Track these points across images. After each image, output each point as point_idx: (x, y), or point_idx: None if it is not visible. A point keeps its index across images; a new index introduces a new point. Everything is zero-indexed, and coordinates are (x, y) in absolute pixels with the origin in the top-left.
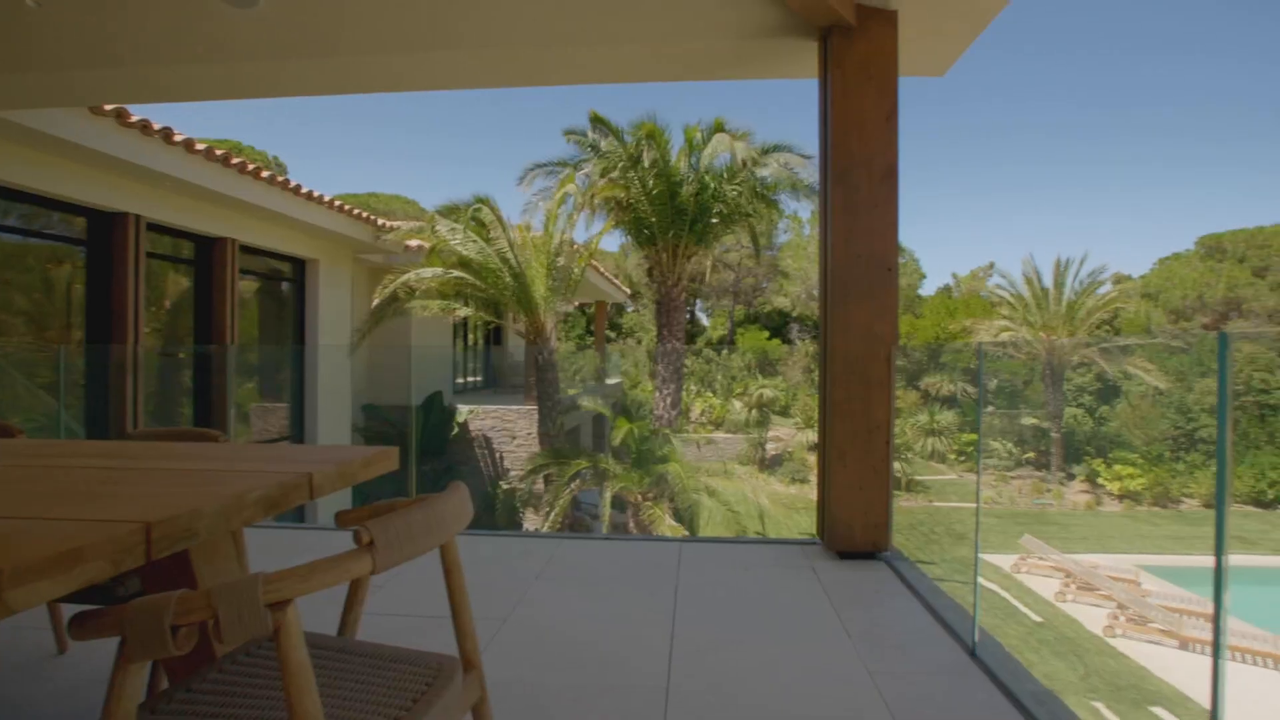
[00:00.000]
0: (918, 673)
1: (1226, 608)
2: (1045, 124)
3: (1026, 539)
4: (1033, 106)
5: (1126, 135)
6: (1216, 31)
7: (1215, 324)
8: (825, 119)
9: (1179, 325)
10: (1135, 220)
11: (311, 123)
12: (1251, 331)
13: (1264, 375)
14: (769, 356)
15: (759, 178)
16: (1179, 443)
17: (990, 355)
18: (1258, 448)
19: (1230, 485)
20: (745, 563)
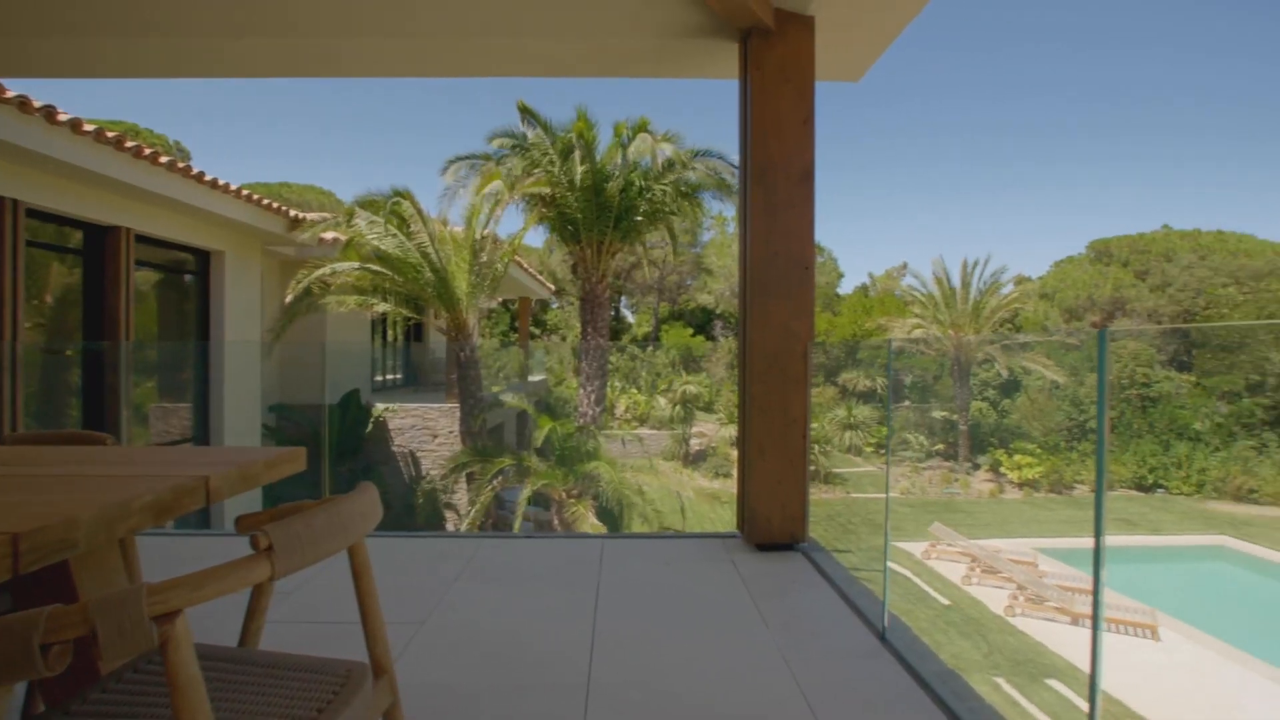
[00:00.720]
0: (831, 658)
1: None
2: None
3: (936, 526)
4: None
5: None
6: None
7: (1103, 322)
8: (745, 120)
9: (1072, 324)
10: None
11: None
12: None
13: (1146, 370)
14: (693, 353)
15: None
16: (1072, 433)
17: (904, 352)
18: (1139, 437)
19: (1107, 471)
20: (667, 558)
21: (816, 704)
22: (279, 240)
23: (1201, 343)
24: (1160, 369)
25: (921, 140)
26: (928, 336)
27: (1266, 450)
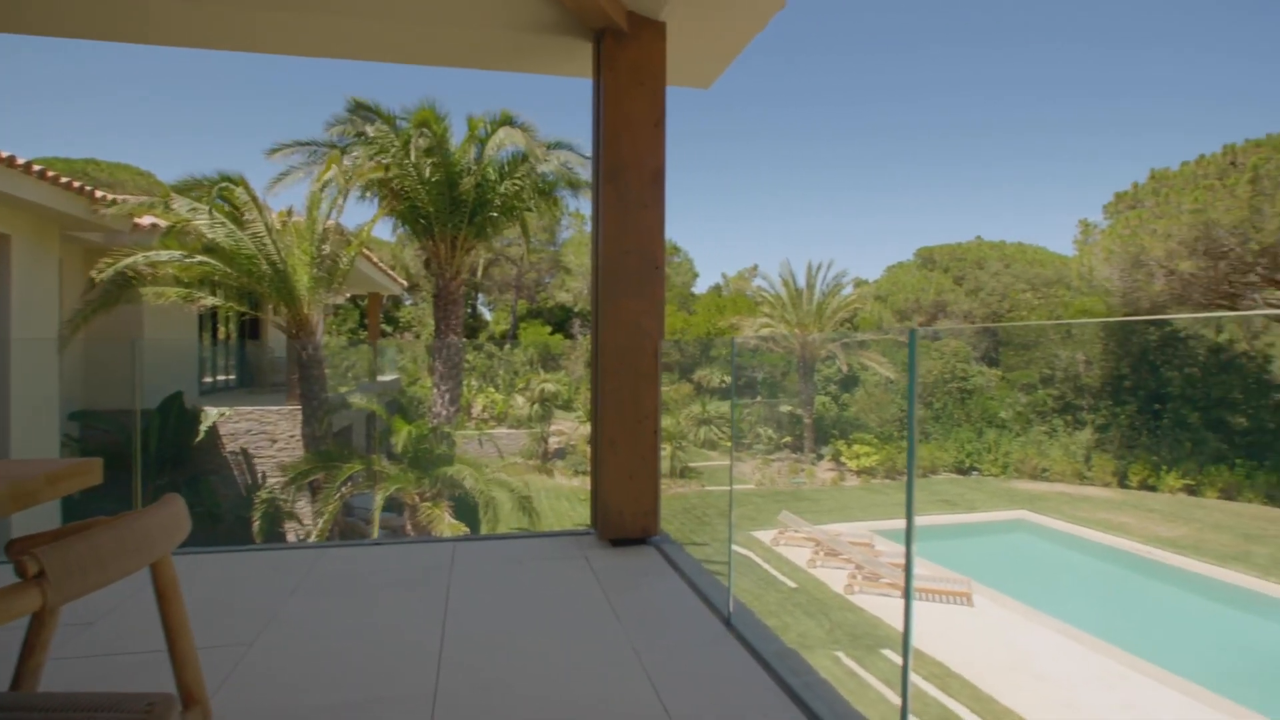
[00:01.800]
0: (679, 646)
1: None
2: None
3: (784, 515)
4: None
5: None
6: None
7: (928, 323)
8: (598, 120)
9: (903, 324)
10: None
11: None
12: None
13: (963, 366)
14: (551, 351)
15: (540, 174)
16: (903, 424)
17: (757, 350)
18: (959, 426)
19: (916, 458)
20: (520, 557)
21: (664, 690)
22: (82, 225)
23: (1006, 341)
24: (975, 365)
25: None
26: (776, 335)
27: (1055, 435)
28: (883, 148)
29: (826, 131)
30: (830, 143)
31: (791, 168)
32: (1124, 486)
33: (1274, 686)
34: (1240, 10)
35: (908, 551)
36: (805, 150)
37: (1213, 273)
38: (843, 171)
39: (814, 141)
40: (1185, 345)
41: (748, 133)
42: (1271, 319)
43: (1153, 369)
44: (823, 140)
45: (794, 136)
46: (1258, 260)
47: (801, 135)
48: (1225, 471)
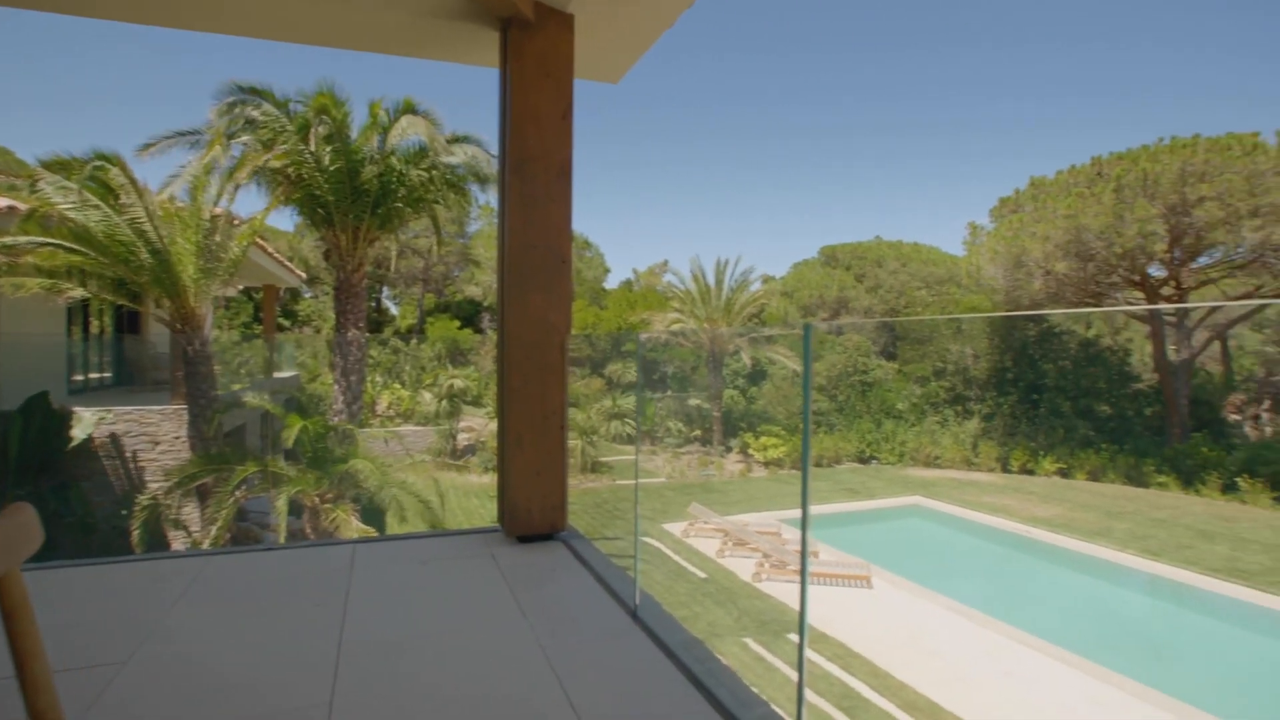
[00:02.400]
0: (585, 640)
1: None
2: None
3: (694, 506)
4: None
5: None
6: None
7: (831, 318)
8: (505, 110)
9: (807, 319)
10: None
11: None
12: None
13: (864, 360)
14: (460, 346)
15: (449, 165)
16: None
17: (667, 345)
18: (860, 417)
19: (823, 449)
20: (424, 557)
21: (570, 685)
22: None
23: (903, 336)
24: (874, 359)
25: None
26: (686, 330)
27: (946, 424)
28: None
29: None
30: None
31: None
32: (1006, 471)
33: (1131, 647)
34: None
35: (803, 537)
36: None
37: (1083, 273)
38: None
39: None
40: (1059, 340)
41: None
42: (1131, 316)
43: (1031, 362)
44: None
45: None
46: (1120, 263)
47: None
48: (1092, 455)
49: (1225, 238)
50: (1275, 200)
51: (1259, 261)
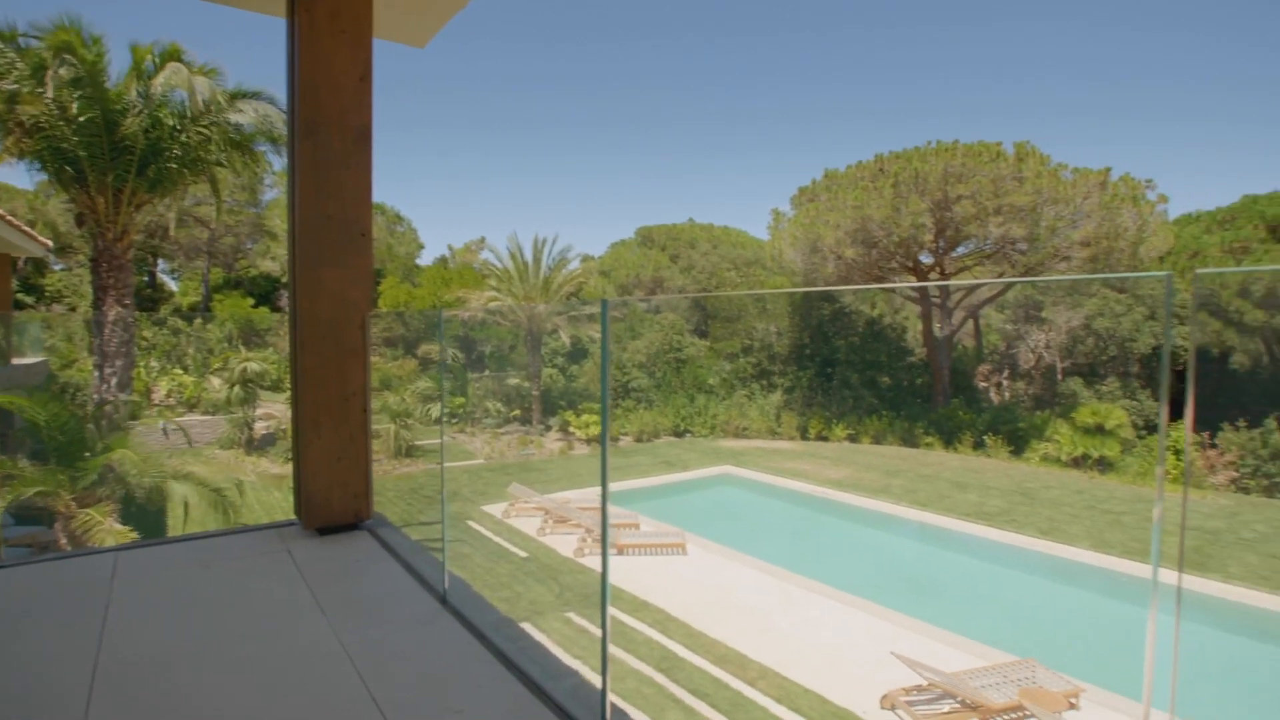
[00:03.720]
0: (391, 632)
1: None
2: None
3: (514, 487)
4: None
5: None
6: None
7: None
8: (293, 67)
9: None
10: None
11: None
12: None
13: (678, 337)
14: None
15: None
16: (619, 392)
17: (485, 323)
18: (675, 393)
19: (640, 424)
20: (207, 560)
21: (372, 680)
22: None
23: (713, 314)
24: (688, 336)
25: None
26: (503, 308)
27: (753, 398)
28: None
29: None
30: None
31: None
32: (805, 439)
33: (904, 587)
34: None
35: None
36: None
37: (868, 259)
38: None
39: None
40: (849, 319)
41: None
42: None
43: (826, 339)
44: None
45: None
46: (898, 250)
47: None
48: (876, 421)
49: (977, 231)
50: (1013, 201)
51: (1001, 253)
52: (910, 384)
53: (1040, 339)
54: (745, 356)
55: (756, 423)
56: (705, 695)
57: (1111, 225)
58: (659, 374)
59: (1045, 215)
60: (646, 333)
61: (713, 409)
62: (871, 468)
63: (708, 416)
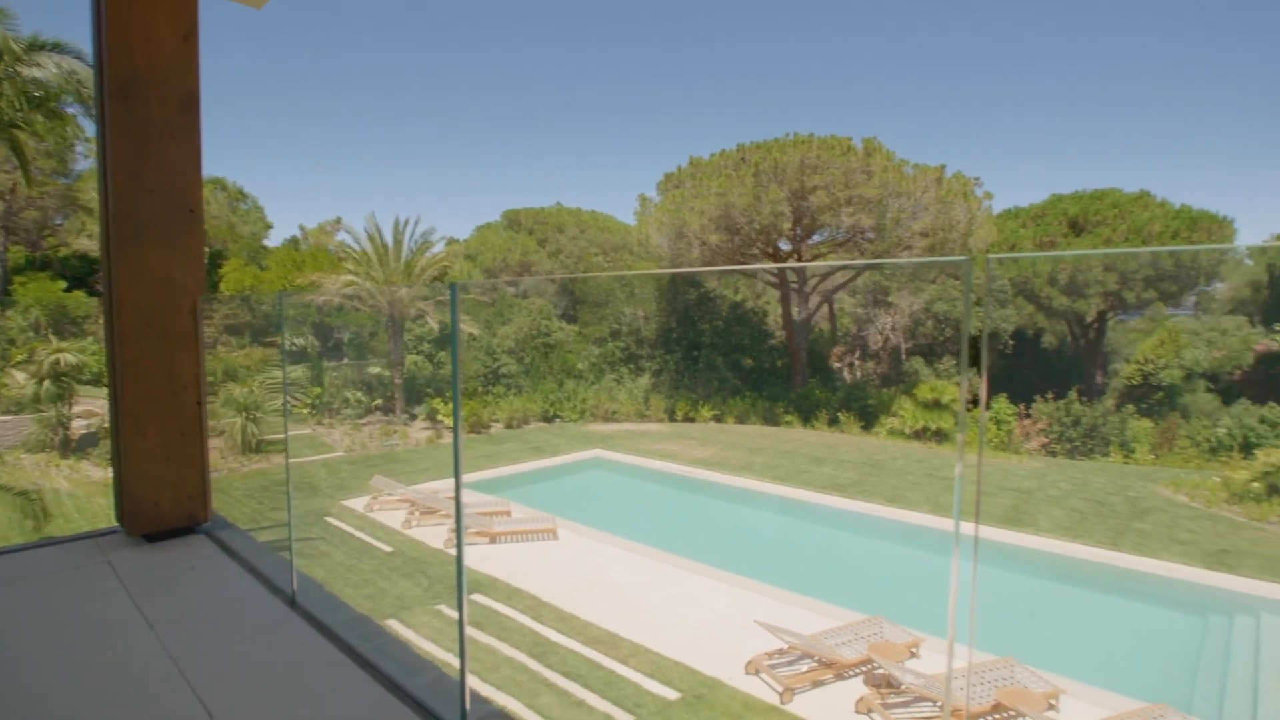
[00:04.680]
0: (231, 642)
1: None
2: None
3: (376, 479)
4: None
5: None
6: None
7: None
8: (100, 17)
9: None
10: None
11: None
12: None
13: (546, 322)
14: (69, 313)
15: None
16: (488, 379)
17: (342, 309)
18: (544, 378)
19: (510, 410)
20: (8, 577)
21: (209, 695)
22: None
23: (582, 300)
24: (556, 321)
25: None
26: (362, 292)
27: (622, 381)
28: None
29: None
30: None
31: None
32: (673, 421)
33: (766, 557)
34: None
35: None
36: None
37: (731, 245)
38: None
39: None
40: (714, 303)
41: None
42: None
43: (692, 323)
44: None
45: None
46: (759, 237)
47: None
48: (739, 402)
49: (830, 220)
50: (862, 193)
51: (852, 241)
52: (771, 366)
53: (887, 322)
54: (614, 341)
55: (625, 406)
56: (578, 677)
57: (946, 218)
58: (528, 359)
59: (891, 207)
60: (515, 318)
61: (582, 393)
62: (735, 446)
63: (577, 401)
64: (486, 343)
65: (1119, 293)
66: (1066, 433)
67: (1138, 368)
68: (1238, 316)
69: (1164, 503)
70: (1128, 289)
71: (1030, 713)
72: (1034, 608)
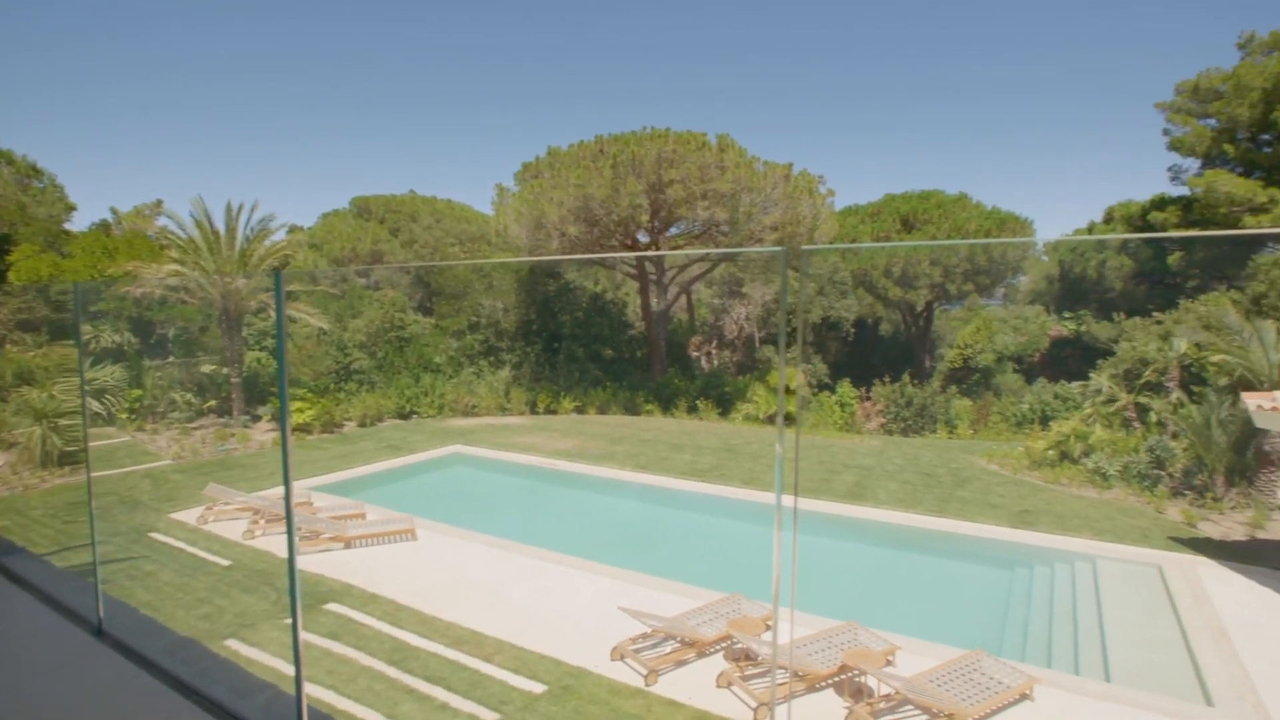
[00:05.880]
0: (24, 679)
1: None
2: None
3: (211, 488)
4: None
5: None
6: None
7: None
8: None
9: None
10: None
11: None
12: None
13: (401, 315)
14: None
15: None
16: (339, 375)
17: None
18: (399, 373)
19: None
20: None
21: None
22: None
23: (437, 291)
24: (411, 314)
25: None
26: (189, 283)
27: (482, 375)
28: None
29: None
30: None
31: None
32: (534, 413)
33: (629, 544)
34: None
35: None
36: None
37: (590, 236)
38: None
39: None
40: (574, 294)
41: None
42: (625, 274)
43: (552, 314)
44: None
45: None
46: (617, 229)
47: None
48: (601, 392)
49: (687, 213)
50: (717, 187)
51: (708, 234)
52: (631, 356)
53: (742, 312)
54: (472, 333)
55: (485, 400)
56: (441, 680)
57: (794, 213)
58: (382, 354)
59: (743, 202)
60: (367, 310)
61: (440, 388)
62: (597, 436)
63: (435, 396)
64: (337, 337)
65: (943, 285)
66: (901, 413)
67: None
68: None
69: (980, 472)
70: (950, 281)
71: (871, 670)
72: (875, 574)
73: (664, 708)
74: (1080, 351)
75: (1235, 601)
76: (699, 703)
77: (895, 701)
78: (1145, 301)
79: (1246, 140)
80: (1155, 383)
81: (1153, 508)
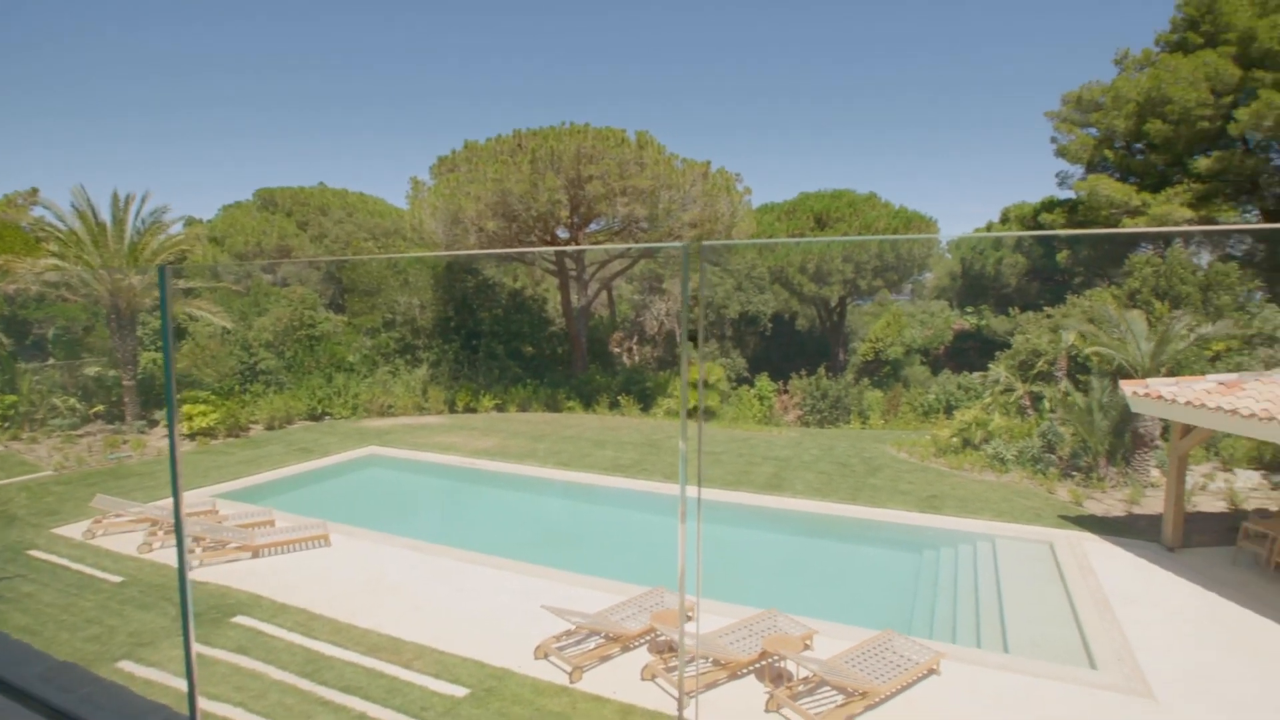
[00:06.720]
0: None
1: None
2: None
3: (100, 499)
4: None
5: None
6: None
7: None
8: None
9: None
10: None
11: None
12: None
13: (311, 313)
14: None
15: None
16: (244, 376)
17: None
18: (310, 373)
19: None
20: None
21: None
22: None
23: (350, 288)
24: (323, 311)
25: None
26: (72, 279)
27: (398, 373)
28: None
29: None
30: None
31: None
32: (453, 412)
33: (553, 542)
34: None
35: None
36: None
37: (509, 232)
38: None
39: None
40: (493, 291)
41: None
42: (545, 270)
43: (471, 311)
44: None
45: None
46: (536, 224)
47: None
48: (521, 390)
49: (606, 209)
50: (636, 184)
51: (628, 230)
52: (552, 352)
53: (662, 308)
54: (387, 331)
55: (402, 399)
56: (358, 690)
57: (712, 210)
58: (290, 353)
59: (663, 198)
60: (274, 308)
61: (354, 388)
62: (518, 434)
63: (348, 396)
64: (241, 336)
65: (855, 281)
66: (816, 405)
67: (870, 345)
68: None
69: (891, 460)
70: (861, 277)
71: (790, 655)
72: (793, 562)
73: (589, 704)
74: (980, 344)
75: (1115, 572)
76: (624, 696)
77: (813, 684)
78: (1038, 297)
79: (1123, 149)
80: (1047, 372)
81: (1045, 489)
